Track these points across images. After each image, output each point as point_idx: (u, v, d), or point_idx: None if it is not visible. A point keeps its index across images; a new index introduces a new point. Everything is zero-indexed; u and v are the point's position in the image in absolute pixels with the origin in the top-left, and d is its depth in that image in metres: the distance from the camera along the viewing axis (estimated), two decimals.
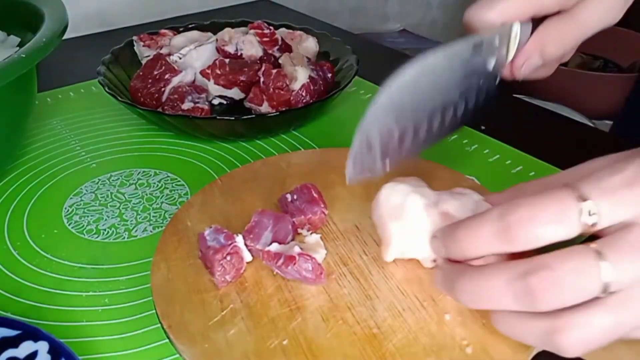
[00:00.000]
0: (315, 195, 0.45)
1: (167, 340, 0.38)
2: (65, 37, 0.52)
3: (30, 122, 0.58)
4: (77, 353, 0.34)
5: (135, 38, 0.72)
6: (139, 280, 0.45)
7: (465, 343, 0.35)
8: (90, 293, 0.44)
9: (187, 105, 0.62)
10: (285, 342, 0.35)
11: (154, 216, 0.52)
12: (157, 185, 0.56)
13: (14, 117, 0.53)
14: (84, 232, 0.50)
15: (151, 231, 0.50)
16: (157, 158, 0.61)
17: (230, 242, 0.40)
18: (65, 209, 0.53)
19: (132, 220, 0.51)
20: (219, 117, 0.60)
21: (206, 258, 0.40)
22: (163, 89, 0.64)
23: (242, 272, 0.40)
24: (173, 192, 0.55)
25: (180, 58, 0.67)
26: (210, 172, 0.58)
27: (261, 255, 0.41)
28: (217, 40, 0.70)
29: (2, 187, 0.56)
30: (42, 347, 0.35)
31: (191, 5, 1.05)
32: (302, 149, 0.61)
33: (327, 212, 0.45)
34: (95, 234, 0.50)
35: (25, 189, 0.56)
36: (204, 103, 0.63)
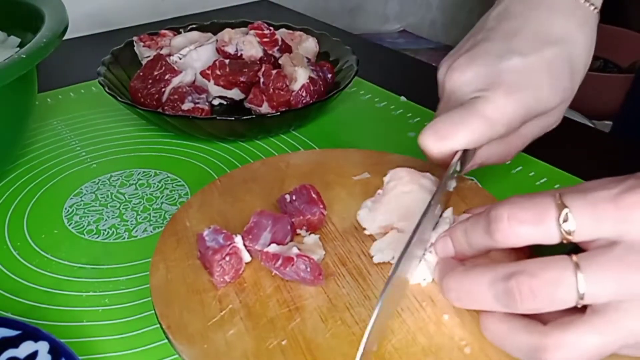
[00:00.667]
0: (314, 195, 0.45)
1: (166, 340, 0.38)
2: (65, 38, 0.52)
3: (31, 122, 0.58)
4: (77, 353, 0.34)
5: (135, 38, 0.73)
6: (139, 281, 0.45)
7: (464, 343, 0.35)
8: (90, 293, 0.44)
9: (187, 106, 0.62)
10: (284, 342, 0.36)
11: (154, 216, 0.52)
12: (157, 186, 0.56)
13: (14, 117, 0.53)
14: (84, 232, 0.50)
15: (151, 231, 0.50)
16: (157, 158, 0.61)
17: (229, 243, 0.40)
18: (66, 209, 0.53)
19: (132, 221, 0.51)
20: (219, 118, 0.60)
21: (205, 258, 0.40)
22: (163, 90, 0.64)
23: (241, 272, 0.41)
24: (173, 192, 0.55)
25: (181, 58, 0.67)
26: (210, 172, 0.58)
27: (260, 256, 0.41)
28: (217, 40, 0.70)
29: (2, 187, 0.56)
30: (42, 347, 0.35)
31: (191, 5, 1.05)
32: (302, 149, 0.61)
33: (325, 212, 0.45)
34: (95, 234, 0.50)
35: (25, 189, 0.56)
36: (204, 103, 0.63)
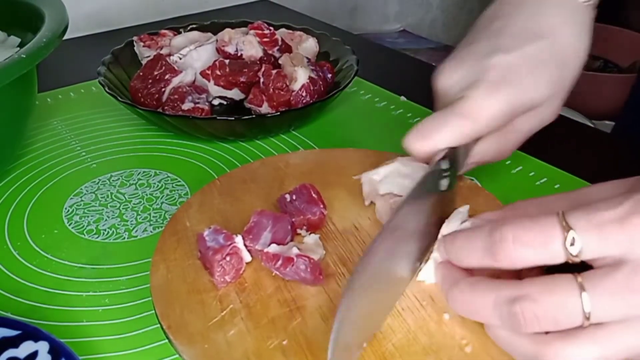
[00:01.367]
0: (314, 195, 0.45)
1: (167, 340, 0.38)
2: (65, 37, 0.52)
3: (31, 122, 0.58)
4: (77, 353, 0.34)
5: (135, 38, 0.73)
6: (139, 281, 0.45)
7: (465, 342, 0.35)
8: (90, 293, 0.44)
9: (187, 106, 0.62)
10: (285, 342, 0.36)
11: (154, 216, 0.52)
12: (157, 186, 0.56)
13: (15, 117, 0.53)
14: (84, 232, 0.50)
15: (151, 231, 0.50)
16: (157, 158, 0.61)
17: (229, 243, 0.40)
18: (66, 209, 0.53)
19: (132, 221, 0.51)
20: (219, 118, 0.60)
21: (205, 258, 0.40)
22: (163, 89, 0.64)
23: (241, 272, 0.40)
24: (173, 192, 0.55)
25: (181, 58, 0.67)
26: (210, 172, 0.58)
27: (260, 256, 0.41)
28: (217, 40, 0.70)
29: (2, 187, 0.56)
30: (42, 347, 0.35)
31: (191, 5, 1.05)
32: (302, 149, 0.61)
33: (326, 212, 0.45)
34: (95, 234, 0.50)
35: (25, 189, 0.56)
36: (204, 103, 0.63)
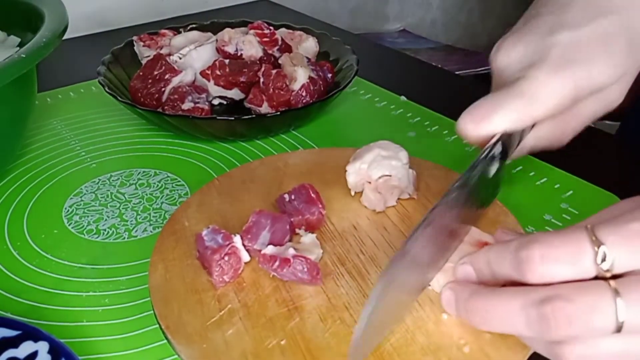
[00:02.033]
0: (312, 195, 0.45)
1: (166, 340, 0.38)
2: (65, 37, 0.52)
3: (30, 122, 0.58)
4: (77, 353, 0.34)
5: (135, 38, 0.73)
6: (139, 281, 0.45)
7: (463, 342, 0.35)
8: (90, 293, 0.44)
9: (187, 106, 0.62)
10: (283, 342, 0.36)
11: (154, 216, 0.52)
12: (157, 186, 0.56)
13: (14, 117, 0.53)
14: (84, 232, 0.50)
15: (151, 231, 0.50)
16: (157, 158, 0.61)
17: (228, 243, 0.40)
18: (66, 209, 0.53)
19: (132, 221, 0.51)
20: (219, 117, 0.60)
21: (204, 258, 0.40)
22: (163, 89, 0.64)
23: (239, 272, 0.41)
24: (173, 192, 0.55)
25: (181, 58, 0.67)
26: (210, 172, 0.58)
27: (257, 258, 0.41)
28: (217, 40, 0.70)
29: (2, 187, 0.56)
30: (42, 347, 0.35)
31: (191, 5, 1.05)
32: (302, 149, 0.61)
33: (324, 212, 0.45)
34: (95, 234, 0.50)
35: (25, 189, 0.56)
36: (204, 103, 0.63)
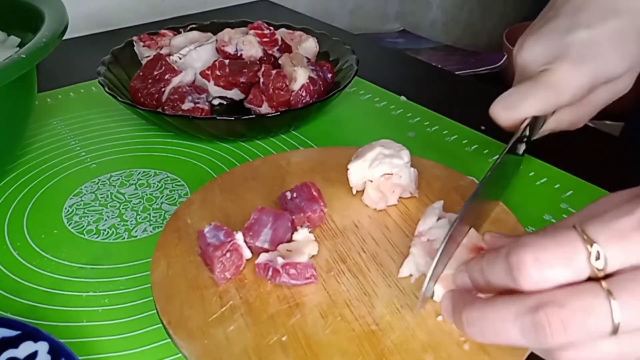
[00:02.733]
0: (314, 193, 0.45)
1: (167, 340, 0.38)
2: (65, 37, 0.52)
3: (30, 122, 0.58)
4: (77, 353, 0.34)
5: (135, 38, 0.73)
6: (139, 281, 0.45)
7: (463, 339, 0.35)
8: (90, 293, 0.44)
9: (187, 106, 0.62)
10: (284, 338, 0.36)
11: (154, 216, 0.52)
12: (157, 186, 0.56)
13: (14, 117, 0.53)
14: (84, 232, 0.50)
15: (151, 231, 0.50)
16: (157, 158, 0.61)
17: (230, 239, 0.40)
18: (65, 209, 0.53)
19: (132, 221, 0.51)
20: (218, 118, 0.60)
21: (206, 255, 0.40)
22: (163, 89, 0.64)
23: (241, 269, 0.41)
24: (173, 192, 0.55)
25: (180, 58, 0.67)
26: (210, 172, 0.58)
27: (255, 268, 0.41)
28: (217, 40, 0.70)
29: (2, 187, 0.56)
30: (42, 347, 0.35)
31: (191, 5, 1.05)
32: (303, 148, 0.61)
33: (326, 210, 0.45)
34: (95, 234, 0.50)
35: (25, 189, 0.56)
36: (204, 103, 0.63)
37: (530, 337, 0.29)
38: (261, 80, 0.64)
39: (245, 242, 0.41)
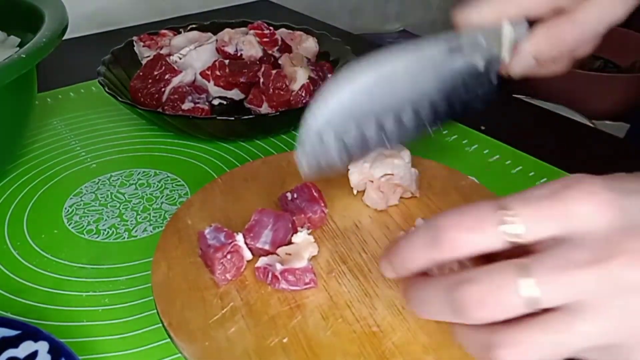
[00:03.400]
0: (315, 194, 0.45)
1: (167, 340, 0.38)
2: (65, 37, 0.52)
3: (30, 122, 0.58)
4: (77, 353, 0.34)
5: (135, 38, 0.73)
6: (139, 280, 0.45)
7: None
8: (90, 293, 0.44)
9: (187, 106, 0.62)
10: (285, 340, 0.36)
11: (154, 216, 0.52)
12: (157, 186, 0.56)
13: (14, 117, 0.53)
14: (84, 232, 0.50)
15: (151, 231, 0.50)
16: (157, 158, 0.61)
17: (230, 241, 0.40)
18: (66, 209, 0.53)
19: (132, 221, 0.51)
20: (219, 117, 0.60)
21: (207, 256, 0.40)
22: (163, 89, 0.64)
23: (242, 270, 0.40)
24: (173, 192, 0.55)
25: (181, 58, 0.67)
26: (210, 172, 0.58)
27: (255, 272, 0.41)
28: (217, 40, 0.70)
29: (2, 187, 0.56)
30: (42, 347, 0.35)
31: (191, 5, 1.05)
32: None
33: (326, 211, 0.45)
34: (95, 234, 0.50)
35: (25, 189, 0.56)
36: (204, 103, 0.63)
37: (456, 314, 0.30)
38: (261, 80, 0.64)
39: (245, 243, 0.41)
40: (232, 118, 0.59)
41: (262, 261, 0.40)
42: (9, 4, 0.59)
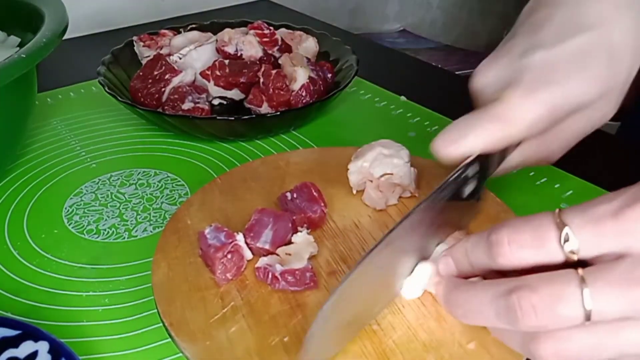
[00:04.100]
0: (314, 193, 0.45)
1: (167, 340, 0.38)
2: (65, 37, 0.52)
3: (30, 122, 0.58)
4: (77, 353, 0.34)
5: (135, 38, 0.73)
6: (139, 280, 0.45)
7: (465, 339, 0.35)
8: (90, 293, 0.44)
9: (187, 106, 0.62)
10: (286, 339, 0.35)
11: (154, 216, 0.52)
12: (157, 185, 0.56)
13: (14, 117, 0.53)
14: (84, 232, 0.50)
15: (151, 231, 0.50)
16: (157, 158, 0.61)
17: (230, 241, 0.40)
18: (66, 209, 0.53)
19: (132, 220, 0.51)
20: (219, 117, 0.60)
21: (207, 256, 0.40)
22: (163, 89, 0.64)
23: (242, 270, 0.41)
24: (173, 192, 0.55)
25: (181, 58, 0.67)
26: (210, 172, 0.58)
27: (255, 272, 0.41)
28: (217, 40, 0.70)
29: (2, 187, 0.56)
30: (42, 347, 0.35)
31: (191, 5, 1.05)
32: (302, 148, 0.61)
33: (326, 210, 0.45)
34: (95, 234, 0.50)
35: (25, 189, 0.56)
36: (204, 103, 0.63)
37: (503, 319, 0.30)
38: (261, 80, 0.64)
39: (246, 243, 0.41)
40: (232, 118, 0.59)
41: (262, 262, 0.40)
42: (9, 4, 0.59)
